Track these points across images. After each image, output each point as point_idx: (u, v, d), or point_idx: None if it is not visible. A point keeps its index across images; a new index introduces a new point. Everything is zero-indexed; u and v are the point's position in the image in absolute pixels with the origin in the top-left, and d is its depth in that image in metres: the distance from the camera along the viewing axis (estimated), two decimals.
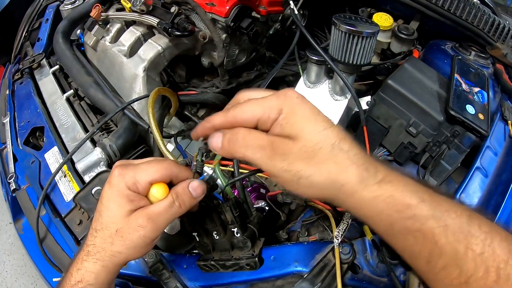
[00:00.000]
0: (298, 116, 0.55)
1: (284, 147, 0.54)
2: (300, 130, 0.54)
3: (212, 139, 0.60)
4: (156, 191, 0.66)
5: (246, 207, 0.82)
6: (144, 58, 1.24)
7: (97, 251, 0.66)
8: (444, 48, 1.33)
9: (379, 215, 0.53)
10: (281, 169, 0.54)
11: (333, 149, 0.53)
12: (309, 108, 0.56)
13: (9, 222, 2.53)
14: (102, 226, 0.66)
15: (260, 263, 0.81)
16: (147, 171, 0.66)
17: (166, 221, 0.66)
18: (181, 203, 0.66)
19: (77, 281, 0.66)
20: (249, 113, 0.57)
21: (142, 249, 0.66)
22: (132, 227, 0.64)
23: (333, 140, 0.53)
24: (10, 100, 1.56)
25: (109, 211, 0.66)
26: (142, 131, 1.22)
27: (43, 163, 1.25)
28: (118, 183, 0.65)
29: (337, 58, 1.04)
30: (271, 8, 1.30)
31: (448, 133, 1.07)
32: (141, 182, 0.65)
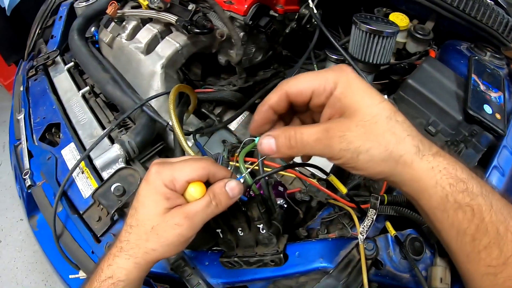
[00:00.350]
0: (355, 89, 0.55)
1: (341, 128, 0.54)
2: (357, 103, 0.54)
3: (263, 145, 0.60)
4: (194, 190, 0.66)
5: (270, 204, 0.83)
6: (162, 55, 1.24)
7: (131, 248, 0.67)
8: (460, 48, 1.34)
9: (434, 186, 0.54)
10: (341, 150, 0.54)
11: (390, 121, 0.54)
12: (363, 82, 0.56)
13: (20, 219, 2.55)
14: (137, 223, 0.67)
15: (284, 259, 0.82)
16: (184, 170, 0.66)
17: (202, 220, 0.66)
18: (218, 202, 0.66)
19: (108, 277, 0.66)
20: (305, 84, 0.58)
21: (176, 248, 0.67)
22: (168, 225, 0.64)
23: (388, 113, 0.54)
24: (25, 96, 1.56)
25: (145, 208, 0.66)
26: (159, 128, 1.22)
27: (60, 160, 1.25)
28: (155, 180, 0.66)
29: (356, 57, 1.04)
30: (288, 7, 1.30)
31: (466, 132, 1.07)
32: (179, 180, 0.66)
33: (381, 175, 0.56)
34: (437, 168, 0.54)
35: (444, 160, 0.55)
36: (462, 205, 0.54)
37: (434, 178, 0.54)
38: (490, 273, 0.55)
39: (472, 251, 0.55)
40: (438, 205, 0.55)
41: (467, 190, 0.54)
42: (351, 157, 0.54)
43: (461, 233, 0.55)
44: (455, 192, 0.54)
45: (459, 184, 0.54)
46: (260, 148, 0.61)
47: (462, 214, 0.54)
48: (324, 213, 1.04)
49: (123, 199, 1.03)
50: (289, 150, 0.58)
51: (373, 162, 0.54)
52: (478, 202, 0.54)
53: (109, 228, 1.06)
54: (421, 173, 0.54)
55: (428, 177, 0.54)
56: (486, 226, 0.53)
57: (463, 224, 0.54)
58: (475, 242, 0.54)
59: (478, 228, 0.54)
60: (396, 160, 0.54)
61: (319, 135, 0.55)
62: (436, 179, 0.54)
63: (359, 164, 0.55)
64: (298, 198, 1.05)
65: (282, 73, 1.47)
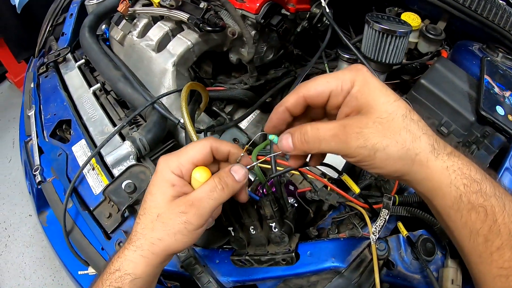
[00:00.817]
0: (371, 87, 0.56)
1: (358, 124, 0.54)
2: (374, 101, 0.55)
3: (282, 142, 0.61)
4: (198, 175, 0.66)
5: (282, 203, 0.83)
6: (173, 53, 1.24)
7: (138, 238, 0.66)
8: (472, 49, 1.33)
9: (449, 186, 0.54)
10: (358, 147, 0.54)
11: (405, 119, 0.54)
12: (379, 82, 0.57)
13: (29, 215, 2.56)
14: (144, 212, 0.67)
15: (296, 259, 0.81)
16: (188, 152, 0.67)
17: (209, 206, 0.65)
18: (223, 185, 0.66)
19: (116, 269, 0.65)
20: (323, 85, 0.59)
21: (184, 238, 0.65)
22: (174, 212, 0.64)
23: (404, 111, 0.55)
24: (35, 93, 1.57)
25: (152, 196, 0.66)
26: (170, 125, 1.22)
27: (70, 156, 1.26)
28: (162, 168, 0.67)
29: (369, 56, 1.04)
30: (299, 6, 1.30)
31: (478, 134, 1.07)
32: (184, 164, 0.66)
33: (397, 173, 0.56)
34: (452, 168, 0.54)
35: (458, 160, 0.55)
36: (476, 206, 0.54)
37: (449, 177, 0.54)
38: (502, 275, 0.54)
39: (484, 252, 0.55)
40: (452, 205, 0.55)
41: (480, 191, 0.54)
42: (368, 155, 0.54)
43: (474, 233, 0.55)
44: (469, 193, 0.54)
45: (473, 185, 0.54)
46: (280, 145, 0.62)
47: (475, 214, 0.54)
48: (335, 213, 1.04)
49: (134, 196, 1.03)
50: (303, 145, 0.59)
51: (390, 160, 0.54)
52: (492, 203, 0.53)
53: (119, 225, 1.06)
54: (435, 172, 0.54)
55: (442, 177, 0.54)
56: (498, 228, 0.53)
57: (476, 224, 0.54)
58: (488, 243, 0.54)
59: (491, 229, 0.53)
60: (412, 158, 0.54)
61: (336, 130, 0.56)
62: (451, 178, 0.54)
63: (375, 162, 0.55)
64: (309, 197, 1.05)
65: (293, 72, 1.47)
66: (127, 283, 0.64)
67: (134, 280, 0.64)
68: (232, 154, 0.70)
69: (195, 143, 0.69)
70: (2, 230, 2.55)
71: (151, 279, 0.68)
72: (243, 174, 0.68)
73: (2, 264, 2.40)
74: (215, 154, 0.69)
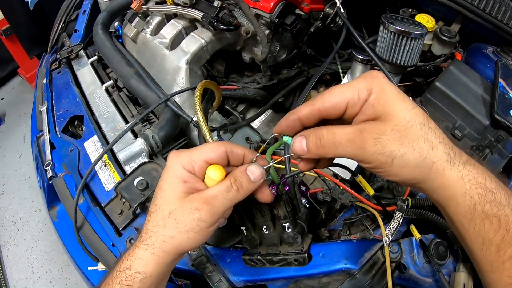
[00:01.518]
0: (388, 94, 0.55)
1: (375, 130, 0.54)
2: (392, 109, 0.54)
3: (295, 144, 0.60)
4: (213, 173, 0.65)
5: (295, 203, 0.83)
6: (187, 51, 1.24)
7: (149, 236, 0.65)
8: (486, 52, 1.32)
9: (463, 195, 0.54)
10: (375, 153, 0.54)
11: (423, 127, 0.54)
12: (396, 89, 0.56)
13: (38, 209, 2.58)
14: (155, 208, 0.66)
15: (308, 259, 0.81)
16: (202, 150, 0.66)
17: (223, 205, 0.64)
18: (238, 186, 0.65)
19: (126, 267, 0.65)
20: (339, 97, 0.58)
21: (196, 235, 0.64)
22: (186, 209, 0.63)
23: (421, 119, 0.54)
24: (48, 89, 1.58)
25: (163, 192, 0.65)
26: (182, 123, 1.22)
27: (82, 152, 1.26)
28: (173, 163, 0.66)
29: (384, 57, 1.03)
30: (313, 6, 1.29)
31: (492, 138, 1.06)
32: (197, 161, 0.65)
33: (413, 181, 0.56)
34: (467, 177, 0.54)
35: (474, 169, 0.55)
36: (489, 215, 0.54)
37: (464, 187, 0.54)
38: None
39: (496, 261, 0.55)
40: (466, 214, 0.55)
41: (495, 201, 0.54)
42: (385, 162, 0.54)
43: (487, 242, 0.55)
44: (483, 202, 0.54)
45: (488, 194, 0.54)
46: (293, 148, 0.61)
47: (489, 224, 0.54)
48: (346, 214, 1.04)
49: (146, 193, 1.03)
50: (319, 149, 0.58)
51: (407, 168, 0.54)
52: (505, 213, 0.53)
53: (131, 222, 1.06)
54: (451, 181, 0.54)
55: (457, 186, 0.54)
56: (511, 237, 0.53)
57: (489, 233, 0.54)
58: (500, 253, 0.54)
59: (504, 239, 0.53)
60: (429, 166, 0.54)
61: (353, 135, 0.55)
62: (466, 188, 0.54)
63: (392, 169, 0.54)
64: (320, 198, 1.05)
65: (306, 72, 1.47)
66: (137, 281, 0.64)
67: (144, 279, 0.64)
68: (247, 155, 0.69)
69: (209, 143, 0.69)
70: (11, 224, 2.58)
71: (162, 278, 0.67)
72: (259, 175, 0.67)
73: (11, 257, 2.42)
74: (230, 157, 0.68)
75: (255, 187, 0.67)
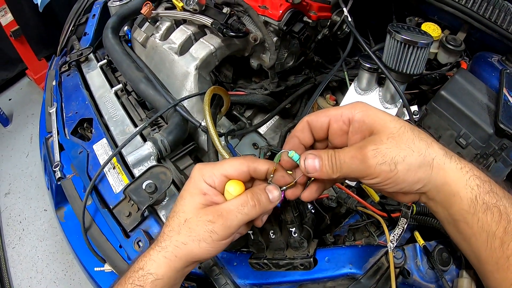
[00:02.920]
0: (373, 111, 0.60)
1: (373, 143, 0.57)
2: (381, 121, 0.59)
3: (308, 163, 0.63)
4: (232, 188, 0.67)
5: (302, 208, 0.84)
6: (196, 56, 1.26)
7: (164, 240, 0.67)
8: (491, 61, 1.33)
9: (465, 187, 0.56)
10: (377, 164, 0.56)
11: (414, 131, 0.58)
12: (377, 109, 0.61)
13: (44, 209, 2.60)
14: (173, 214, 0.68)
15: (314, 264, 0.83)
16: (223, 165, 0.69)
17: (237, 220, 0.65)
18: (256, 202, 0.66)
19: (140, 268, 0.67)
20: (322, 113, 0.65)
21: (207, 246, 0.65)
22: (201, 220, 0.65)
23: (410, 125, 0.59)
24: (57, 91, 1.60)
25: (182, 200, 0.68)
26: (190, 128, 1.24)
27: (91, 154, 1.28)
28: (195, 175, 0.69)
29: (390, 66, 1.05)
30: (320, 14, 1.31)
31: (496, 146, 1.07)
32: (217, 175, 0.68)
33: (419, 184, 0.58)
34: (465, 168, 0.57)
35: (467, 162, 0.58)
36: (490, 206, 0.56)
37: (464, 178, 0.57)
38: None
39: (501, 257, 0.56)
40: (469, 208, 0.56)
41: (492, 191, 0.56)
42: (389, 170, 0.56)
43: (491, 236, 0.56)
44: (482, 193, 0.56)
45: (485, 185, 0.56)
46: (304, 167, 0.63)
47: (491, 215, 0.56)
48: (351, 221, 1.05)
49: (155, 197, 1.04)
50: (330, 169, 0.61)
51: (412, 170, 0.56)
52: (504, 204, 0.56)
53: (139, 224, 1.08)
54: (453, 174, 0.57)
55: (459, 178, 0.57)
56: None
57: (492, 226, 0.56)
58: (504, 246, 0.55)
59: (506, 231, 0.55)
60: (430, 164, 0.57)
61: (353, 152, 0.59)
62: (466, 179, 0.57)
63: (399, 176, 0.56)
64: (326, 204, 1.06)
65: (313, 78, 1.48)
66: (149, 282, 0.65)
67: (155, 280, 0.65)
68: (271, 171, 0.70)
69: (233, 160, 0.70)
70: (17, 223, 2.60)
71: (172, 283, 0.69)
72: (277, 196, 0.68)
73: (15, 256, 2.44)
74: (253, 175, 0.69)
75: (272, 207, 0.69)
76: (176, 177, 1.14)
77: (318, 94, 1.16)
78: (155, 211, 1.09)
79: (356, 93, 1.16)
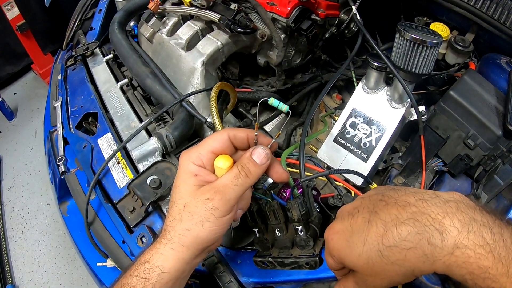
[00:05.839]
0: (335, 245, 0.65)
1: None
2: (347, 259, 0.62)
3: None
4: (221, 163, 0.69)
5: (309, 206, 0.83)
6: (203, 52, 1.25)
7: (168, 232, 0.68)
8: (500, 62, 1.32)
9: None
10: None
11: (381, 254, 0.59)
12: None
13: (47, 204, 2.60)
14: (172, 204, 0.69)
15: (320, 263, 0.82)
16: (206, 142, 0.71)
17: (234, 192, 0.67)
18: (246, 172, 0.68)
19: (146, 261, 0.67)
20: None
21: (211, 225, 0.66)
22: (199, 200, 0.66)
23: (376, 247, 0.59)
24: (62, 85, 1.60)
25: (177, 188, 0.69)
26: (196, 124, 1.23)
27: (96, 148, 1.28)
28: (183, 161, 0.70)
29: (399, 65, 1.04)
30: (329, 12, 1.30)
31: (504, 148, 1.06)
32: (203, 154, 0.69)
33: None
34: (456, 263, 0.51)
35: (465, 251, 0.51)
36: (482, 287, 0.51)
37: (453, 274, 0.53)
38: None
39: None
40: None
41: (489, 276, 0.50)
42: None
43: None
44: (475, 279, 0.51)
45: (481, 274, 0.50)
46: None
47: None
48: None
49: (159, 192, 1.04)
50: None
51: None
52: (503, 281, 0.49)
53: (142, 220, 1.07)
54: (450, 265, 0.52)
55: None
56: None
57: None
58: None
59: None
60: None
61: None
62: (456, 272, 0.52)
63: None
64: (331, 203, 1.05)
65: (320, 77, 1.47)
66: (155, 275, 0.65)
67: (162, 273, 0.65)
68: (251, 137, 0.72)
69: (212, 135, 0.72)
70: (20, 217, 2.60)
71: (180, 275, 0.68)
72: (264, 156, 0.69)
73: (18, 250, 2.45)
74: (234, 142, 0.71)
75: (264, 168, 0.70)
76: None
77: (325, 93, 1.15)
78: (159, 207, 1.09)
79: (364, 92, 1.15)
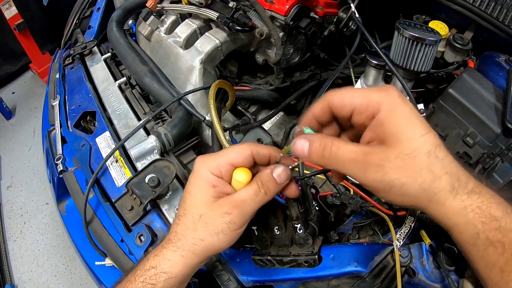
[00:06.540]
0: (399, 116, 0.53)
1: (380, 156, 0.53)
2: (400, 134, 0.53)
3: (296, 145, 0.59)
4: (240, 176, 0.67)
5: (307, 205, 0.83)
6: (201, 50, 1.25)
7: (178, 239, 0.66)
8: (498, 60, 1.31)
9: (465, 224, 0.53)
10: (374, 180, 0.53)
11: (429, 157, 0.52)
12: (410, 110, 0.54)
13: (46, 203, 2.60)
14: (185, 213, 0.67)
15: (319, 261, 0.82)
16: (227, 154, 0.68)
17: (252, 208, 0.66)
18: (266, 190, 0.66)
19: (152, 266, 0.66)
20: (347, 100, 0.57)
21: (226, 237, 0.65)
22: (216, 213, 0.64)
23: (429, 147, 0.52)
24: (61, 84, 1.59)
25: (192, 196, 0.67)
26: (194, 122, 1.23)
27: (94, 147, 1.27)
28: (200, 168, 0.67)
29: (397, 63, 1.04)
30: (327, 10, 1.30)
31: (503, 146, 1.06)
32: (223, 164, 0.67)
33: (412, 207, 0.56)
34: (470, 207, 0.53)
35: (479, 198, 0.53)
36: (494, 242, 0.53)
37: (466, 217, 0.53)
38: None
39: (500, 281, 0.54)
40: (468, 240, 0.54)
41: (499, 228, 0.52)
42: (382, 189, 0.54)
43: (490, 266, 0.54)
44: (487, 230, 0.53)
45: (492, 223, 0.52)
46: (293, 148, 0.60)
47: (493, 249, 0.53)
48: (355, 218, 1.04)
49: (157, 191, 1.04)
50: (319, 160, 0.57)
51: (405, 197, 0.54)
52: (510, 239, 0.52)
53: (141, 218, 1.07)
54: (452, 211, 0.53)
55: (459, 216, 0.53)
56: None
57: (492, 257, 0.53)
58: (504, 274, 0.53)
59: (508, 262, 0.52)
60: (429, 197, 0.53)
61: (357, 156, 0.54)
62: (468, 218, 0.53)
63: (390, 195, 0.54)
64: (330, 202, 1.05)
65: (318, 75, 1.47)
66: (162, 281, 0.65)
67: (169, 279, 0.65)
68: (273, 156, 0.70)
69: (234, 146, 0.69)
70: (18, 217, 2.60)
71: (185, 279, 0.69)
72: (285, 177, 0.67)
73: (16, 249, 2.45)
74: (256, 158, 0.68)
75: (281, 188, 0.69)
76: (179, 171, 1.13)
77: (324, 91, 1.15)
78: (157, 206, 1.08)
79: None
